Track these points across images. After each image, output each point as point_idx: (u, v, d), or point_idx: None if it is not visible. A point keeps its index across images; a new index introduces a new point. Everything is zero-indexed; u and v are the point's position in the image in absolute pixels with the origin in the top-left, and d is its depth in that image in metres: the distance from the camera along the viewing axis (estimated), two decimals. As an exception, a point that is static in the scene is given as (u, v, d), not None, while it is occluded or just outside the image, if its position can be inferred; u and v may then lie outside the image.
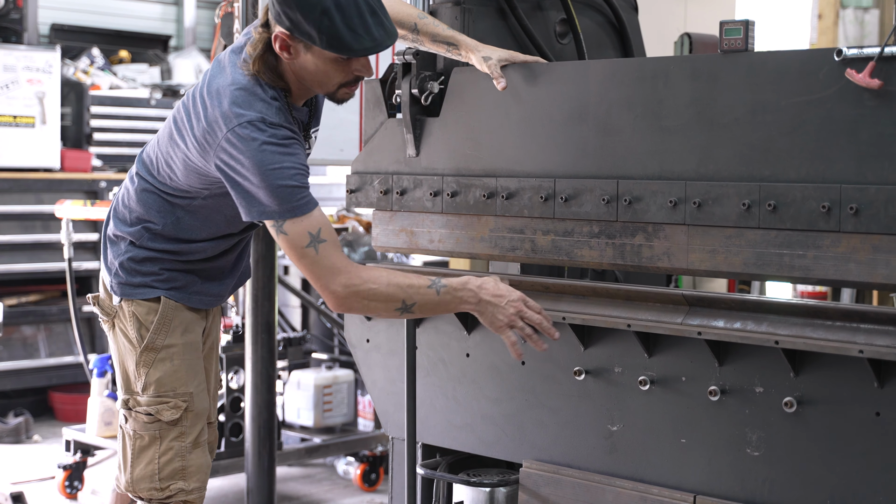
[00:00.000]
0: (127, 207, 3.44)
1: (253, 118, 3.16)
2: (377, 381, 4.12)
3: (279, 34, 3.19)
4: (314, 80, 3.28)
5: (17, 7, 7.97)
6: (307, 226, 3.17)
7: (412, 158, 3.93)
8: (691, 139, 3.31)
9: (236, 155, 3.15)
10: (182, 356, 3.42)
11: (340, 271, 3.19)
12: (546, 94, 3.62)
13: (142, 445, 3.42)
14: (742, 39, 3.22)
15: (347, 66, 3.26)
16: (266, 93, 3.23)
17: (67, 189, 7.81)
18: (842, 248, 3.05)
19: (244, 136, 3.14)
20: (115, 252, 3.45)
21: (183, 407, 3.41)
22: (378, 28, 3.19)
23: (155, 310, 3.40)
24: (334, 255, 3.20)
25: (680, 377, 3.35)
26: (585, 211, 3.51)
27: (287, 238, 3.18)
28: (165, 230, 3.39)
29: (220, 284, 3.55)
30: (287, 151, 3.17)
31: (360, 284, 3.20)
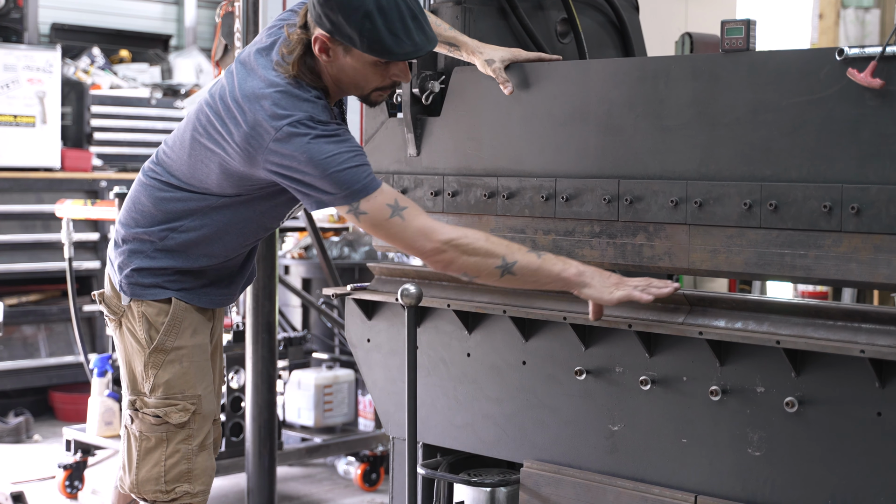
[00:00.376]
0: (142, 210, 3.39)
1: (301, 117, 3.15)
2: (378, 381, 4.11)
3: (319, 36, 3.19)
4: (351, 83, 3.29)
5: (17, 6, 7.96)
6: (383, 199, 3.17)
7: (413, 158, 3.93)
8: (692, 139, 3.31)
9: (289, 154, 3.13)
10: (191, 358, 3.41)
11: (434, 229, 3.19)
12: (547, 93, 3.62)
13: (148, 447, 3.40)
14: (743, 39, 3.22)
15: (386, 70, 3.26)
16: (309, 93, 3.23)
17: (68, 189, 7.81)
18: (843, 247, 3.05)
19: (293, 133, 3.12)
20: (128, 253, 3.40)
21: (191, 410, 3.39)
22: (419, 33, 3.20)
23: (165, 311, 3.38)
24: (421, 217, 3.20)
25: (681, 377, 3.34)
26: (586, 210, 3.51)
27: (368, 217, 3.17)
28: (191, 231, 3.36)
29: (231, 284, 3.54)
30: (339, 140, 3.17)
31: (459, 238, 3.19)
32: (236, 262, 3.51)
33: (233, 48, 5.28)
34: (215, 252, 3.40)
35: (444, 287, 3.87)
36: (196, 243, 3.37)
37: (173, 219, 3.36)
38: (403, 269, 4.04)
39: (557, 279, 3.25)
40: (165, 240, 3.36)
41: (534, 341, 3.66)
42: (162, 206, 3.37)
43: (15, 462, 6.72)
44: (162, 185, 3.38)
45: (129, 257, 3.40)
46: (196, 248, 3.37)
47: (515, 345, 3.70)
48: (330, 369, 6.28)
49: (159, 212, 3.37)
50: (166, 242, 3.36)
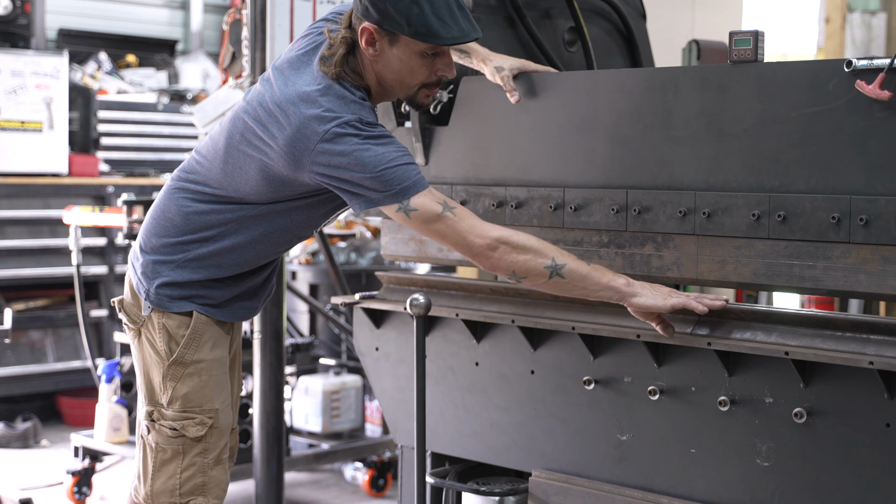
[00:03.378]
0: (174, 218, 3.37)
1: (350, 119, 3.15)
2: (386, 390, 4.12)
3: (367, 27, 3.19)
4: (396, 80, 3.27)
5: (24, 12, 7.98)
6: (433, 197, 3.17)
7: (421, 167, 3.94)
8: (701, 149, 3.31)
9: (338, 153, 3.12)
10: (210, 372, 3.39)
11: (485, 227, 3.18)
12: (555, 103, 3.63)
13: (164, 459, 3.39)
14: (751, 50, 3.22)
15: (432, 63, 3.25)
16: (354, 94, 3.23)
17: (75, 194, 7.82)
18: (852, 259, 3.05)
19: (343, 134, 3.12)
20: (154, 263, 3.38)
21: (208, 424, 3.38)
22: (465, 20, 3.20)
23: (186, 324, 3.36)
24: (470, 216, 3.20)
25: (689, 387, 3.35)
26: (595, 220, 3.52)
27: (418, 214, 3.16)
28: (223, 241, 3.34)
29: (255, 297, 3.52)
30: (388, 141, 3.16)
31: (510, 235, 3.18)
32: (262, 276, 3.49)
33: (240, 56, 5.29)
34: (247, 261, 3.39)
35: (452, 296, 3.88)
36: (227, 252, 3.34)
37: (202, 229, 3.34)
38: (412, 277, 4.04)
39: (607, 288, 3.20)
40: (194, 251, 3.34)
41: (542, 350, 3.67)
42: (191, 217, 3.34)
43: (23, 468, 6.73)
44: (192, 195, 3.36)
45: (158, 267, 3.37)
46: (226, 258, 3.35)
47: (524, 354, 3.71)
48: (337, 375, 6.28)
49: (187, 223, 3.34)
50: (197, 252, 3.34)
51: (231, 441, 3.63)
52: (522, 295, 3.71)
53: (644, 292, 3.19)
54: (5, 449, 7.12)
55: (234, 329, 3.57)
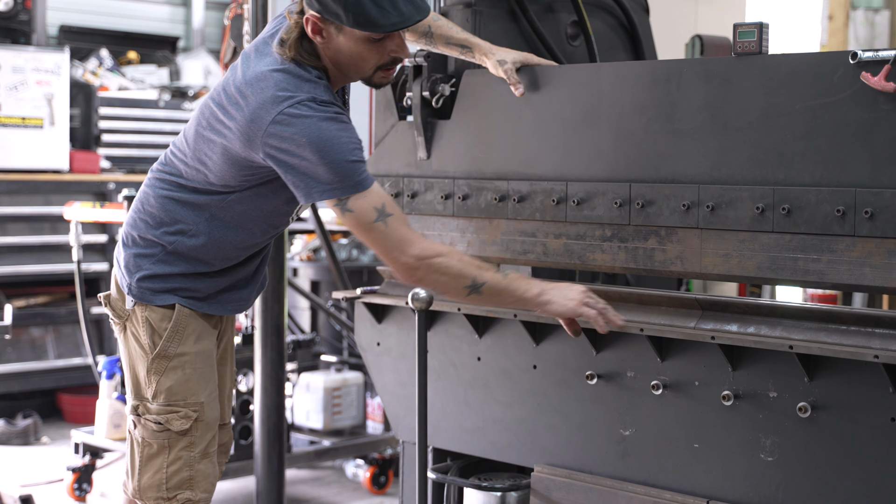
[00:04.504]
0: (154, 212, 3.36)
1: (303, 98, 3.11)
2: (388, 385, 4.10)
3: (310, 17, 3.16)
4: (350, 64, 3.23)
5: (25, 8, 7.95)
6: (372, 200, 3.13)
7: (423, 161, 3.92)
8: (704, 142, 3.29)
9: (289, 136, 3.08)
10: (194, 365, 3.37)
11: (412, 243, 3.16)
12: (558, 96, 3.61)
13: (150, 453, 3.37)
14: (756, 42, 3.20)
15: (381, 46, 3.21)
16: (310, 73, 3.20)
17: (76, 191, 7.79)
18: (856, 252, 3.03)
19: (296, 114, 3.08)
20: (137, 256, 3.36)
21: (193, 417, 3.35)
22: (406, 3, 3.14)
23: (169, 316, 3.34)
24: (403, 227, 3.17)
25: (693, 382, 3.33)
26: (598, 214, 3.50)
27: (353, 215, 3.13)
28: (201, 234, 3.31)
29: (244, 290, 3.49)
30: (342, 127, 3.13)
31: (433, 257, 3.17)
32: (250, 269, 3.47)
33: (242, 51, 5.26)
34: (227, 254, 3.37)
35: (454, 291, 3.86)
36: (205, 247, 3.33)
37: (179, 221, 3.32)
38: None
39: (520, 300, 3.28)
40: (175, 244, 3.33)
41: (545, 345, 3.65)
42: (168, 207, 3.33)
43: (23, 464, 6.71)
44: (167, 185, 3.35)
45: (139, 261, 3.36)
46: (205, 252, 3.34)
47: (526, 349, 3.69)
48: (339, 372, 6.26)
49: (166, 214, 3.33)
50: (176, 246, 3.33)
51: (225, 437, 3.61)
52: (525, 289, 3.69)
53: (556, 299, 3.26)
54: (6, 446, 7.10)
55: (224, 322, 3.56)
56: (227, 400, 3.63)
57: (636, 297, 3.44)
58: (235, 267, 3.43)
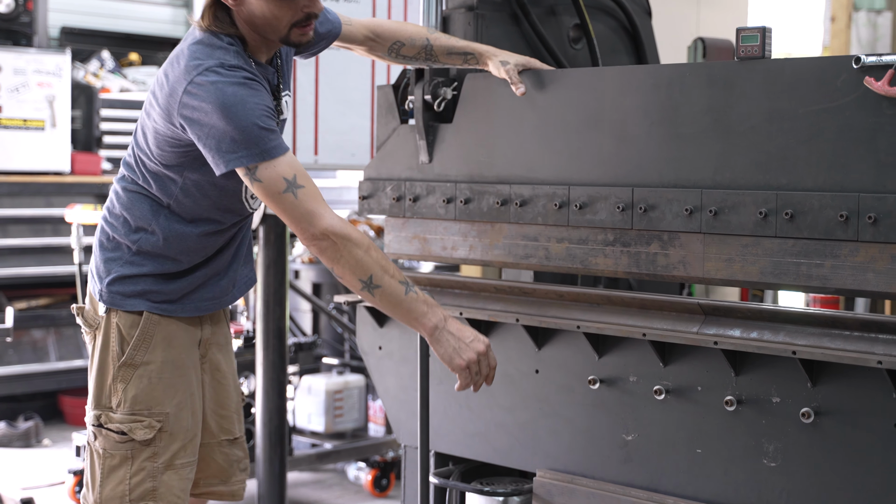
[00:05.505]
0: (117, 214, 3.33)
1: (211, 65, 3.09)
2: (389, 389, 4.09)
3: None
4: (265, 25, 3.19)
5: (27, 10, 7.95)
6: (281, 171, 3.07)
7: (425, 165, 3.91)
8: (707, 147, 3.29)
9: (198, 104, 3.06)
10: (161, 374, 3.29)
11: (321, 216, 3.09)
12: (560, 100, 3.60)
13: (112, 465, 3.28)
14: (759, 46, 3.19)
15: (293, 3, 3.17)
16: (222, 40, 3.17)
17: (77, 192, 7.80)
18: (860, 257, 3.02)
19: (204, 82, 3.06)
20: (106, 261, 3.32)
21: (157, 427, 3.27)
22: None
23: (137, 323, 3.28)
24: (314, 202, 3.10)
25: (696, 387, 3.32)
26: (600, 219, 3.49)
27: (262, 185, 3.07)
28: (159, 229, 3.27)
29: (218, 285, 3.42)
30: (249, 91, 3.08)
31: (342, 237, 3.10)
32: (222, 262, 3.39)
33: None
34: (191, 247, 3.30)
35: (456, 295, 3.86)
36: (168, 241, 3.27)
37: (139, 219, 3.28)
38: (415, 276, 4.02)
39: (414, 323, 3.19)
40: (139, 242, 3.28)
41: (547, 350, 3.64)
42: (128, 205, 3.29)
43: (24, 467, 6.71)
44: (124, 183, 3.33)
45: (108, 265, 3.31)
46: (170, 246, 3.28)
47: (528, 353, 3.68)
48: (340, 375, 6.26)
49: (127, 213, 3.29)
50: (140, 245, 3.28)
51: (237, 452, 3.52)
52: (527, 294, 3.68)
53: (445, 346, 3.18)
54: (7, 448, 7.11)
55: (210, 328, 3.46)
56: (236, 413, 3.53)
57: (638, 301, 3.42)
58: (206, 262, 3.37)
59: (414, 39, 3.68)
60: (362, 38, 3.67)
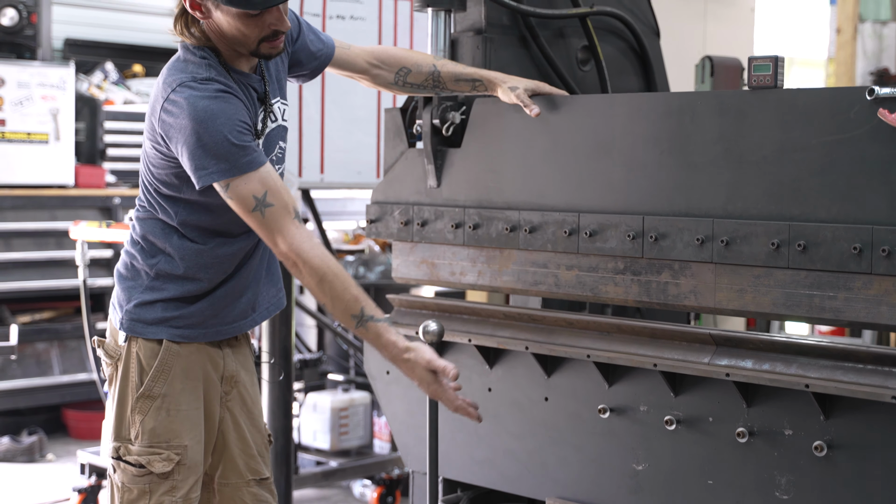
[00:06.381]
0: (136, 241, 3.31)
1: (183, 79, 3.08)
2: (397, 414, 4.07)
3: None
4: (233, 39, 3.16)
5: (31, 23, 7.93)
6: (252, 188, 3.07)
7: (433, 189, 3.89)
8: (719, 176, 3.26)
9: (173, 120, 3.06)
10: (178, 406, 3.26)
11: (285, 237, 3.10)
12: (570, 126, 3.58)
13: (130, 499, 3.25)
14: (771, 76, 3.17)
15: (260, 21, 3.14)
16: (195, 54, 3.16)
17: (81, 206, 7.78)
18: (873, 290, 3.00)
19: (177, 98, 3.06)
20: (127, 289, 3.30)
21: (175, 460, 3.24)
22: None
23: (157, 353, 3.25)
24: (281, 219, 3.10)
25: (707, 417, 3.30)
26: (610, 247, 3.46)
27: (233, 202, 3.09)
28: (174, 250, 3.25)
29: (237, 307, 3.36)
30: (222, 105, 3.07)
31: (298, 262, 3.11)
32: (243, 280, 3.36)
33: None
34: (208, 263, 3.27)
35: (464, 321, 3.83)
36: (184, 260, 3.25)
37: (155, 241, 3.27)
38: (423, 301, 3.99)
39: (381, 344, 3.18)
40: (157, 266, 3.26)
41: (556, 377, 3.62)
42: (144, 231, 3.29)
43: (28, 482, 6.69)
44: (139, 211, 3.33)
45: (129, 292, 3.29)
46: (188, 265, 3.26)
47: (537, 380, 3.66)
48: (346, 392, 6.23)
49: (143, 240, 3.29)
50: (159, 269, 3.26)
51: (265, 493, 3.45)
52: (536, 321, 3.66)
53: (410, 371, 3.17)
54: (11, 463, 7.09)
55: (233, 358, 3.42)
56: (263, 453, 3.47)
57: (649, 330, 3.40)
58: (227, 280, 3.33)
59: (421, 66, 3.65)
60: (365, 64, 3.64)
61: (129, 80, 9.04)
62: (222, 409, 3.38)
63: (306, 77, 3.62)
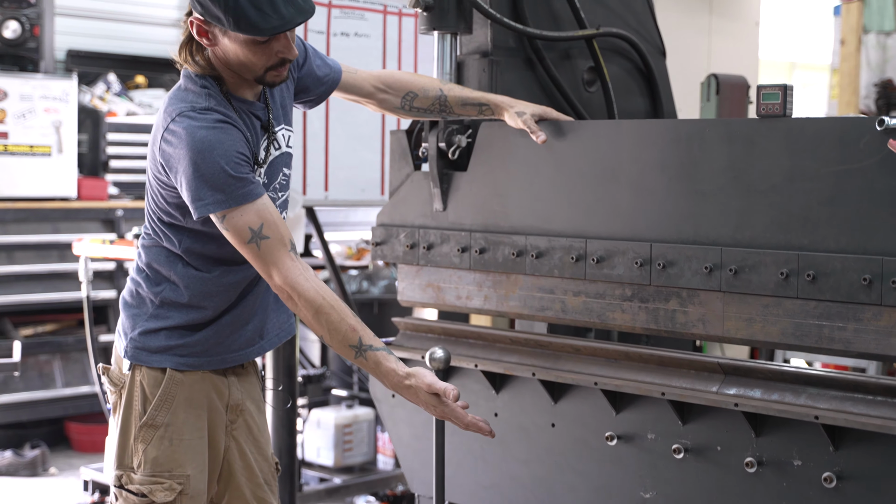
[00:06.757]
0: (141, 269, 3.30)
1: (183, 109, 3.07)
2: (403, 438, 4.06)
3: (195, 20, 3.09)
4: (239, 66, 3.15)
5: (33, 36, 7.92)
6: (248, 219, 3.06)
7: (439, 213, 3.87)
8: (727, 204, 3.25)
9: (172, 150, 3.06)
10: (181, 435, 3.24)
11: (280, 270, 3.09)
12: (577, 151, 3.56)
13: None
14: (780, 105, 3.16)
15: (268, 48, 3.12)
16: (196, 83, 3.15)
17: (84, 218, 7.77)
18: (883, 321, 2.98)
19: (176, 128, 3.05)
20: (132, 317, 3.29)
21: (178, 489, 3.21)
22: (287, 5, 3.06)
23: (160, 382, 3.24)
24: (276, 253, 3.09)
25: (715, 446, 3.28)
26: (618, 273, 3.45)
27: (229, 234, 3.08)
28: (178, 278, 3.24)
29: (242, 336, 3.34)
30: (221, 135, 3.06)
31: (296, 294, 3.10)
32: (247, 308, 3.34)
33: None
34: (212, 291, 3.26)
35: (470, 345, 3.82)
36: (189, 287, 3.24)
37: (159, 269, 3.26)
38: (429, 325, 3.98)
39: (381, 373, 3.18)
40: (162, 293, 3.25)
41: (563, 403, 3.61)
42: (149, 259, 3.28)
43: (31, 497, 6.68)
44: (145, 238, 3.32)
45: (133, 320, 3.29)
46: (192, 293, 3.24)
47: (544, 406, 3.64)
48: (349, 408, 6.22)
49: (148, 268, 3.28)
50: (164, 296, 3.25)
51: None
52: (543, 346, 3.65)
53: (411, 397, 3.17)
54: (13, 477, 7.07)
55: (239, 387, 3.39)
56: (270, 482, 3.46)
57: (657, 358, 3.39)
58: (231, 307, 3.31)
59: (427, 90, 3.64)
60: (372, 88, 3.63)
61: (132, 92, 9.03)
62: (227, 438, 3.36)
63: (313, 102, 3.60)
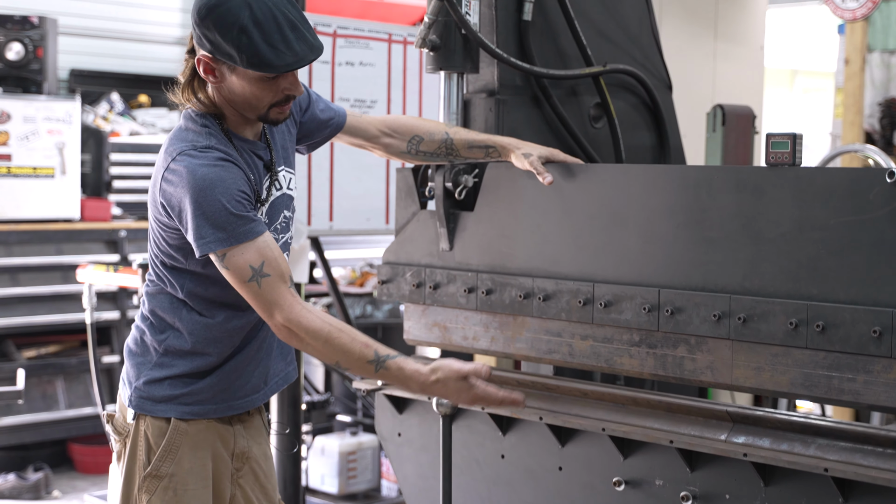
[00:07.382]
0: (146, 316, 3.29)
1: (183, 148, 3.06)
2: (409, 477, 4.04)
3: (202, 57, 3.08)
4: (244, 103, 3.15)
5: (36, 57, 7.91)
6: (249, 258, 3.05)
7: (445, 252, 3.86)
8: (736, 252, 3.23)
9: (173, 190, 3.05)
10: (185, 486, 3.22)
11: (282, 308, 3.07)
12: (585, 195, 3.55)
13: None
14: (790, 153, 3.15)
15: (275, 84, 3.13)
16: (197, 122, 3.14)
17: (87, 239, 7.76)
18: (893, 374, 2.97)
19: (177, 167, 3.04)
20: (137, 365, 3.28)
21: None
22: (300, 42, 3.06)
23: (165, 432, 3.22)
24: (277, 290, 3.08)
25: (724, 494, 3.27)
26: (626, 318, 3.43)
27: (229, 272, 3.06)
28: (182, 325, 3.22)
29: (248, 382, 3.32)
30: (221, 173, 3.05)
31: (300, 329, 3.09)
32: (251, 353, 3.31)
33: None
34: (217, 336, 3.24)
35: (477, 387, 3.80)
36: (193, 334, 3.22)
37: (163, 316, 3.24)
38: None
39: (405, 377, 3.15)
40: (166, 341, 3.23)
41: (570, 447, 3.59)
42: (153, 307, 3.26)
43: (35, 522, 6.68)
44: (149, 286, 3.31)
45: (138, 368, 3.27)
46: (196, 339, 3.22)
47: (551, 449, 3.63)
48: (354, 435, 6.21)
49: (152, 315, 3.27)
50: (168, 344, 3.23)
51: None
52: (550, 389, 3.64)
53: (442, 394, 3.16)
54: (17, 500, 7.06)
55: (245, 435, 3.37)
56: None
57: (665, 404, 3.38)
58: (236, 353, 3.29)
59: (433, 134, 3.63)
60: (377, 132, 3.63)
61: (135, 111, 9.02)
62: (233, 486, 3.34)
63: (317, 145, 3.61)
